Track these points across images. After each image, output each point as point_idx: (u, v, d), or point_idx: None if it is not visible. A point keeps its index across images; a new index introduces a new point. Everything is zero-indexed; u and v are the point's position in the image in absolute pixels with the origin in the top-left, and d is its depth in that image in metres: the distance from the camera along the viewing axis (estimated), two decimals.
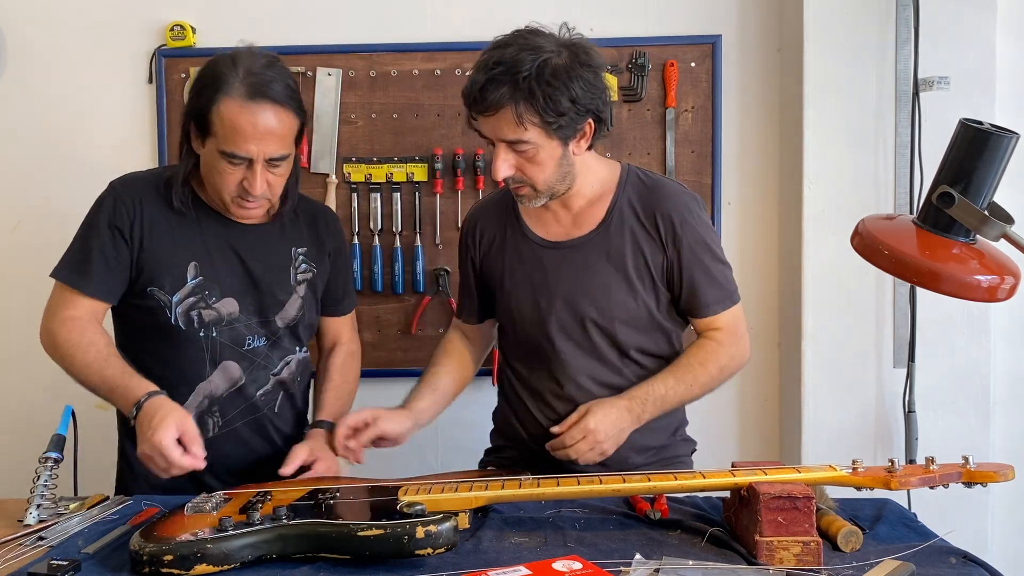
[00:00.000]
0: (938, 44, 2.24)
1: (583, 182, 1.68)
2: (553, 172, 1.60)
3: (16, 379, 2.62)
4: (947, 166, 1.22)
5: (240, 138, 1.56)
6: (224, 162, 1.59)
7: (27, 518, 1.43)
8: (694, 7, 2.49)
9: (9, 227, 2.61)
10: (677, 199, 1.68)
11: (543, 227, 1.73)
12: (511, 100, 1.51)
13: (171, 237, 1.69)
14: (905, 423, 2.28)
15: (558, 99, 1.51)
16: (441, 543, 1.22)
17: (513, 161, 1.58)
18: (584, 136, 1.61)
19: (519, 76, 1.50)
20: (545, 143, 1.56)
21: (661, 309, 1.69)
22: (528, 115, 1.52)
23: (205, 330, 1.69)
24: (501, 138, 1.56)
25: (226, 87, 1.56)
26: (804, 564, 1.22)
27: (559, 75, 1.51)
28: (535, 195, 1.63)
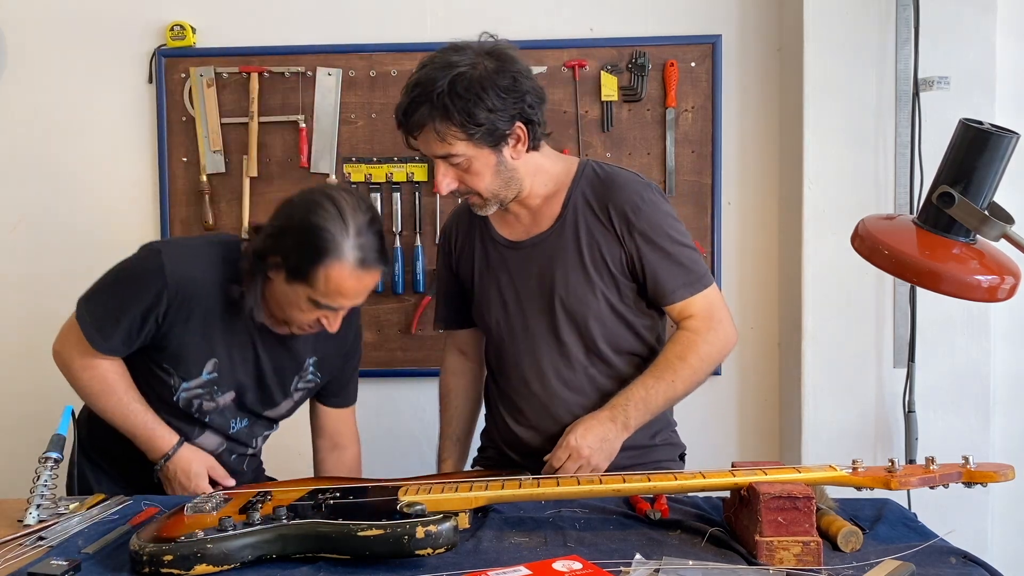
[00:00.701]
0: (938, 44, 2.24)
1: (536, 182, 1.68)
2: (492, 179, 1.62)
3: (16, 379, 2.62)
4: (947, 166, 1.21)
5: (341, 298, 1.58)
6: (311, 305, 1.59)
7: (27, 518, 1.43)
8: (694, 7, 2.49)
9: (9, 227, 2.61)
10: (628, 188, 1.67)
11: (507, 228, 1.74)
12: (429, 118, 1.55)
13: (201, 333, 1.66)
14: (905, 423, 2.28)
15: (472, 111, 1.53)
16: (441, 543, 1.22)
17: (452, 175, 1.61)
18: (519, 140, 1.61)
19: (433, 94, 1.53)
20: (475, 153, 1.58)
21: (625, 301, 1.68)
22: (448, 130, 1.55)
23: (199, 414, 1.71)
24: (433, 154, 1.59)
25: (337, 252, 1.53)
26: (804, 564, 1.22)
27: (472, 87, 1.53)
28: (484, 203, 1.65)
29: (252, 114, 2.51)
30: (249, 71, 2.50)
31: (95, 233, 2.59)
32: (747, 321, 2.53)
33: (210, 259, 1.66)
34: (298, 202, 1.59)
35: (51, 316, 2.59)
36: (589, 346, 1.68)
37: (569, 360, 1.68)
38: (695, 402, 1.74)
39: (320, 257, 1.53)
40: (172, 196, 2.55)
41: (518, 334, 1.71)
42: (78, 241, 2.59)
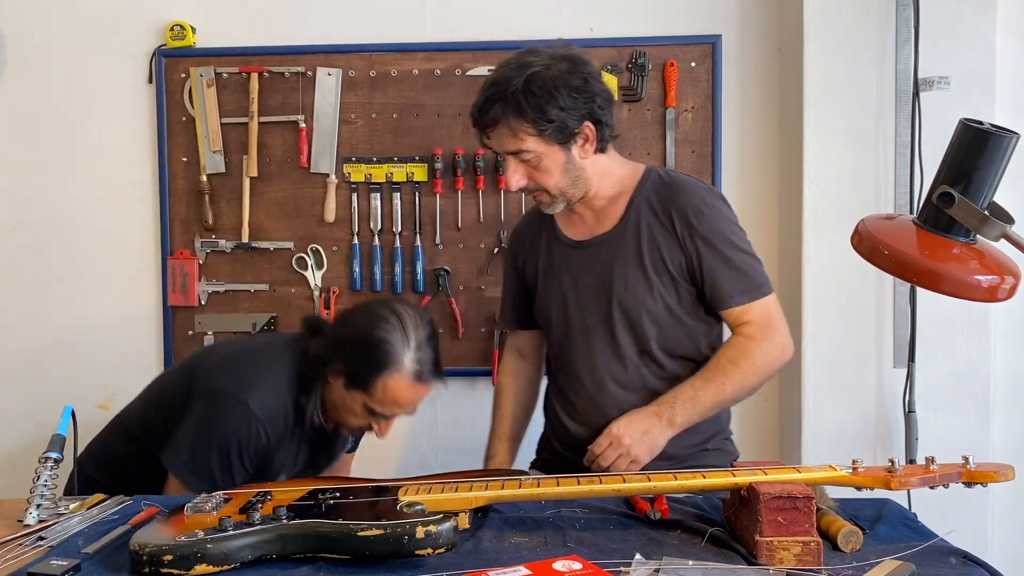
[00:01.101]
0: (938, 44, 2.24)
1: (603, 184, 1.72)
2: (561, 177, 1.66)
3: (16, 379, 2.62)
4: (947, 166, 1.21)
5: (396, 407, 1.68)
6: (365, 412, 1.68)
7: (27, 518, 1.43)
8: (694, 7, 2.49)
9: (9, 227, 2.61)
10: (692, 193, 1.71)
11: (572, 228, 1.79)
12: (503, 115, 1.61)
13: (280, 463, 1.73)
14: (905, 423, 2.28)
15: (545, 108, 1.59)
16: (441, 543, 1.22)
17: (523, 171, 1.66)
18: (587, 140, 1.66)
19: (508, 92, 1.60)
20: (545, 150, 1.63)
21: (683, 304, 1.71)
22: (521, 126, 1.61)
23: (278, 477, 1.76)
24: (505, 151, 1.65)
25: (397, 365, 1.63)
26: (804, 564, 1.22)
27: (545, 86, 1.59)
28: (552, 200, 1.70)
29: (252, 114, 2.51)
30: (249, 71, 2.50)
31: (95, 233, 2.59)
32: None
33: (284, 379, 1.69)
34: (363, 312, 1.71)
35: (51, 316, 2.61)
36: (642, 346, 1.70)
37: (622, 359, 1.71)
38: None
39: (381, 368, 1.62)
40: (172, 196, 2.55)
41: (575, 331, 1.75)
42: (78, 241, 2.59)
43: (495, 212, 2.51)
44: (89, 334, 2.58)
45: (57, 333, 2.61)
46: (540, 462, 1.89)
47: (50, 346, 2.61)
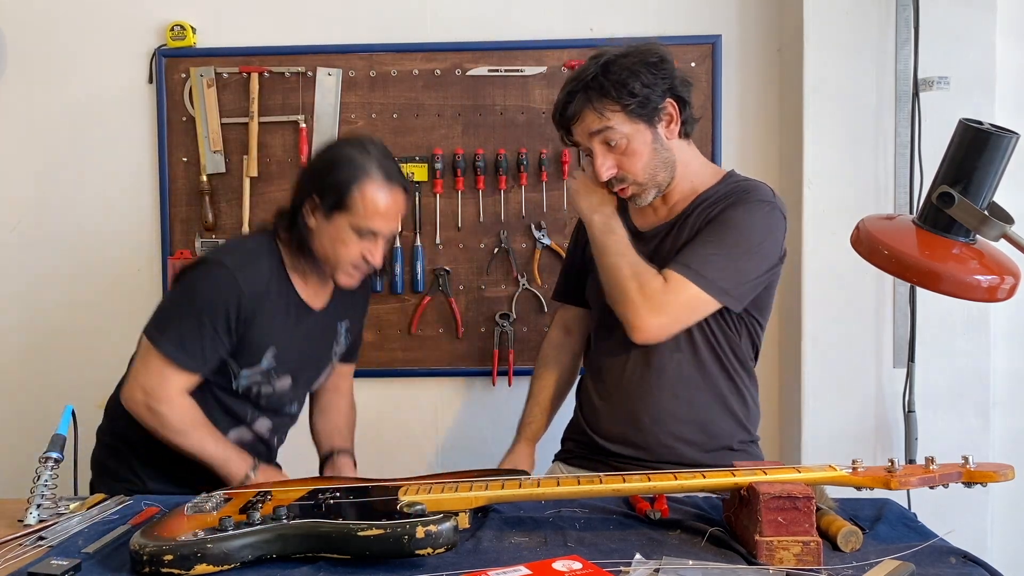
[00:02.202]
0: (938, 44, 2.24)
1: (684, 175, 1.70)
2: (650, 159, 1.65)
3: (16, 379, 2.62)
4: (947, 166, 1.21)
5: (380, 217, 1.70)
6: (354, 235, 1.71)
7: (27, 518, 1.43)
8: (694, 7, 2.49)
9: (9, 226, 2.61)
10: (751, 189, 1.66)
11: (640, 217, 1.77)
12: (586, 100, 1.62)
13: (264, 324, 1.74)
14: (905, 423, 2.28)
15: (627, 82, 1.60)
16: (441, 543, 1.22)
17: (612, 161, 1.65)
18: (672, 119, 1.66)
19: (587, 79, 1.62)
20: (632, 128, 1.63)
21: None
22: (606, 105, 1.61)
23: (256, 398, 1.78)
24: (591, 133, 1.64)
25: (365, 170, 1.70)
26: (804, 564, 1.22)
27: (624, 65, 1.62)
28: (641, 190, 1.68)
29: (252, 114, 2.51)
30: (249, 71, 2.50)
31: (95, 233, 2.59)
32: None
33: (264, 252, 1.76)
34: (319, 150, 1.78)
35: (51, 316, 2.61)
36: (681, 337, 1.67)
37: (658, 349, 1.67)
38: None
39: (351, 180, 1.69)
40: (172, 196, 2.55)
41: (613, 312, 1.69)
42: (78, 241, 2.59)
43: (495, 212, 2.51)
44: (89, 334, 2.59)
45: (57, 333, 2.61)
46: (564, 453, 1.87)
47: (50, 346, 2.61)
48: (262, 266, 1.75)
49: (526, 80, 2.49)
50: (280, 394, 1.81)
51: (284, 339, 1.76)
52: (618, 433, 1.73)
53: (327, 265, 1.76)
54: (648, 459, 1.68)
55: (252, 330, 1.72)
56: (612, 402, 1.74)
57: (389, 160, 1.74)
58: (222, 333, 1.69)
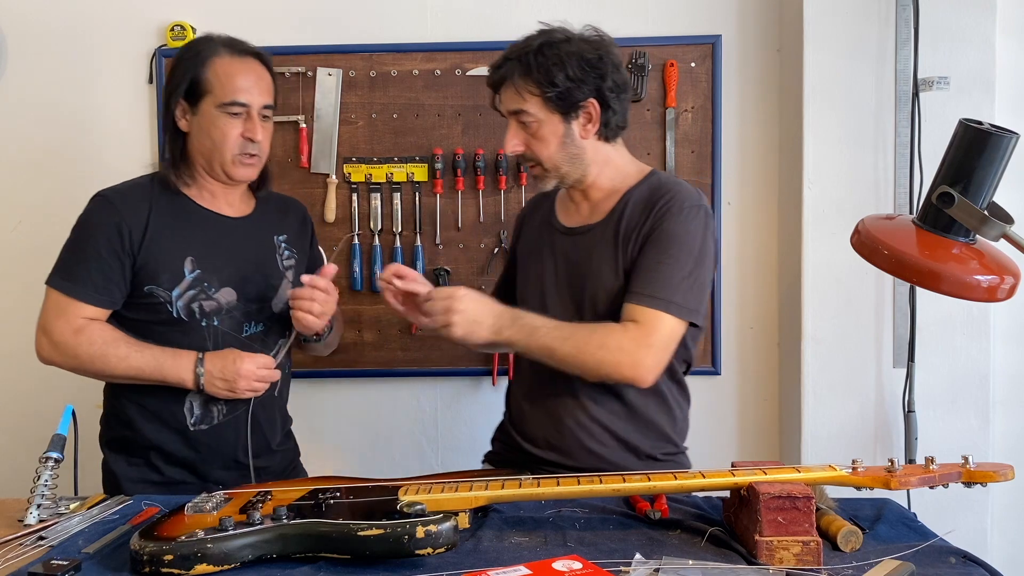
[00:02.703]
0: (938, 44, 2.24)
1: (601, 174, 1.71)
2: (557, 150, 1.66)
3: (16, 379, 2.62)
4: (947, 166, 1.22)
5: (239, 87, 1.73)
6: (225, 117, 1.73)
7: (27, 518, 1.44)
8: (694, 7, 2.49)
9: (9, 227, 2.61)
10: (676, 195, 1.64)
11: (566, 215, 1.78)
12: (511, 73, 1.64)
13: (166, 236, 1.74)
14: (905, 423, 2.28)
15: (552, 71, 1.61)
16: (441, 543, 1.22)
17: (521, 137, 1.67)
18: (591, 120, 1.66)
19: (523, 52, 1.63)
20: (546, 117, 1.64)
21: None
22: (526, 86, 1.63)
23: (206, 320, 1.75)
24: (508, 110, 1.67)
25: (213, 50, 1.75)
26: (804, 564, 1.22)
27: (558, 52, 1.62)
28: (544, 174, 1.69)
29: None
30: None
31: None
32: (747, 321, 2.53)
33: (145, 179, 1.82)
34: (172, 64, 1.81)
35: None
36: None
37: None
38: (695, 402, 1.74)
39: (201, 61, 1.74)
40: None
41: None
42: None
43: (495, 212, 2.51)
44: None
45: None
46: (492, 455, 1.87)
47: None
48: (142, 185, 1.80)
49: None
50: (228, 308, 1.76)
51: (199, 248, 1.75)
52: (542, 438, 1.72)
53: (215, 162, 1.76)
54: (571, 464, 1.66)
55: (152, 246, 1.72)
56: (536, 407, 1.74)
57: (236, 40, 1.78)
58: (109, 256, 1.71)
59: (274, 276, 1.84)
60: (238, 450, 1.77)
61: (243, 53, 1.76)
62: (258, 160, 1.78)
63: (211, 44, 1.76)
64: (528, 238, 1.86)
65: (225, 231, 1.80)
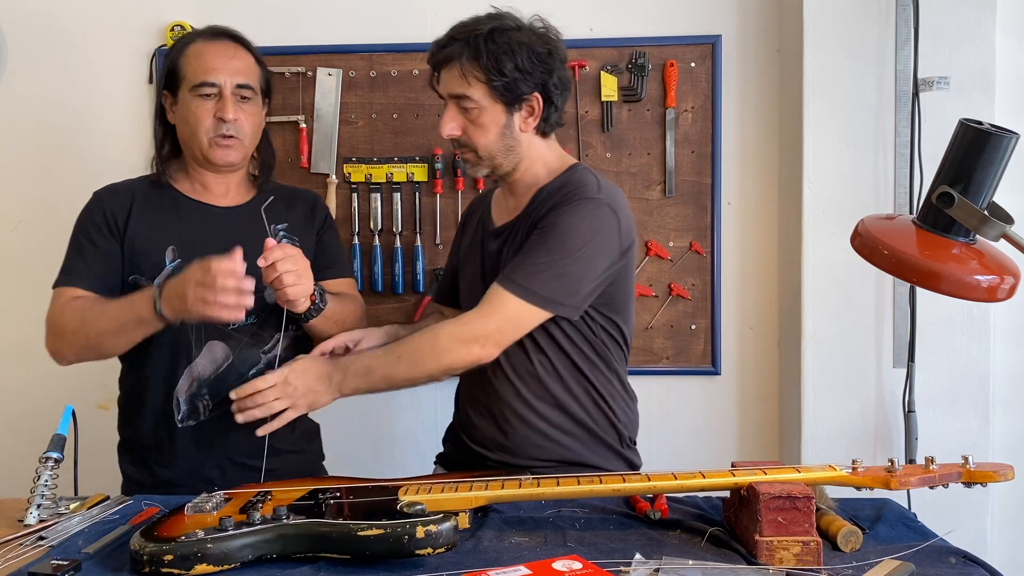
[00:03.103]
0: (938, 44, 2.24)
1: (529, 168, 1.70)
2: (495, 139, 1.64)
3: (16, 379, 2.62)
4: (947, 166, 1.22)
5: (208, 67, 1.73)
6: (198, 99, 1.73)
7: (27, 518, 1.44)
8: (694, 7, 2.49)
9: (9, 227, 2.61)
10: (573, 191, 1.61)
11: (499, 214, 1.77)
12: (459, 55, 1.60)
13: (150, 227, 1.76)
14: (905, 423, 2.28)
15: (502, 60, 1.59)
16: (441, 543, 1.22)
17: (460, 121, 1.64)
18: (532, 113, 1.65)
19: (471, 35, 1.60)
20: (489, 105, 1.62)
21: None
22: (473, 71, 1.60)
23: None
24: (450, 93, 1.64)
25: (191, 37, 1.79)
26: (804, 564, 1.22)
27: (509, 41, 1.60)
28: (477, 161, 1.67)
29: None
30: None
31: None
32: (747, 321, 2.53)
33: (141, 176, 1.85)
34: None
35: None
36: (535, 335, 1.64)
37: (515, 348, 1.65)
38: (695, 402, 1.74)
39: (179, 51, 1.77)
40: None
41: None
42: None
43: None
44: None
45: None
46: (443, 457, 1.87)
47: None
48: (131, 182, 1.84)
49: None
50: None
51: (181, 237, 1.74)
52: (489, 439, 1.71)
53: (195, 148, 1.76)
54: (521, 464, 1.65)
55: (135, 235, 1.74)
56: (480, 411, 1.73)
57: (217, 27, 1.80)
58: (98, 240, 1.74)
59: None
60: (231, 449, 1.75)
61: (216, 36, 1.77)
62: (237, 142, 1.76)
63: (190, 34, 1.80)
64: (466, 240, 1.84)
65: (212, 221, 1.79)
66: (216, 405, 1.75)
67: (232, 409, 1.61)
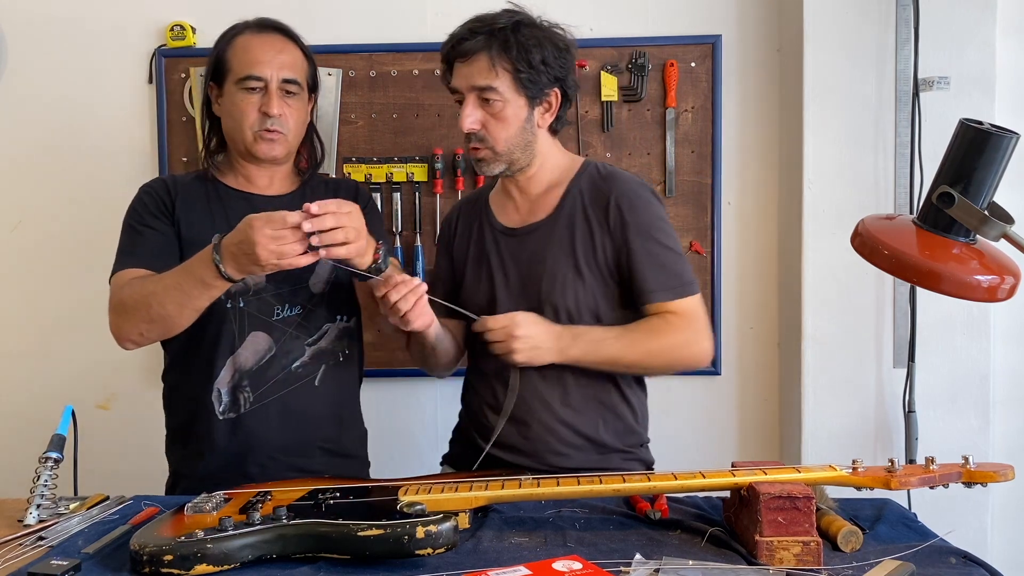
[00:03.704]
0: (938, 44, 2.24)
1: (542, 166, 1.71)
2: (516, 133, 1.64)
3: (16, 379, 2.62)
4: (947, 166, 1.21)
5: (254, 60, 1.70)
6: (242, 93, 1.71)
7: (27, 518, 1.43)
8: (694, 7, 2.49)
9: (9, 227, 2.61)
10: (627, 184, 1.69)
11: (505, 215, 1.76)
12: (486, 47, 1.60)
13: (196, 216, 1.74)
14: (905, 423, 2.28)
15: (531, 51, 1.60)
16: (441, 543, 1.22)
17: (480, 116, 1.63)
18: (550, 108, 1.66)
19: (495, 27, 1.60)
20: (513, 98, 1.62)
21: (609, 302, 1.67)
22: (501, 62, 1.60)
23: (232, 301, 1.70)
24: (473, 85, 1.62)
25: (238, 28, 1.76)
26: (804, 564, 1.22)
27: (535, 34, 1.61)
28: (494, 158, 1.66)
29: None
30: None
31: (95, 233, 2.58)
32: (747, 321, 2.53)
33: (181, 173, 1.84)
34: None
35: (51, 316, 2.61)
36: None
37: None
38: (695, 402, 1.75)
39: (225, 42, 1.75)
40: None
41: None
42: (78, 241, 2.59)
43: None
44: (89, 334, 2.58)
45: (57, 332, 2.61)
46: (451, 456, 1.86)
47: (50, 346, 2.61)
48: (172, 175, 1.87)
49: None
50: (256, 291, 1.71)
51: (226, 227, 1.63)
52: (509, 443, 1.70)
53: (239, 141, 1.74)
54: (537, 467, 1.65)
55: (182, 222, 1.73)
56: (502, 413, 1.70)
57: (265, 19, 1.77)
58: (152, 223, 1.73)
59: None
60: (271, 445, 1.71)
61: (265, 29, 1.75)
62: (281, 137, 1.73)
63: (238, 25, 1.77)
64: (466, 240, 1.80)
65: (257, 209, 1.67)
66: (257, 398, 1.72)
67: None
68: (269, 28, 1.75)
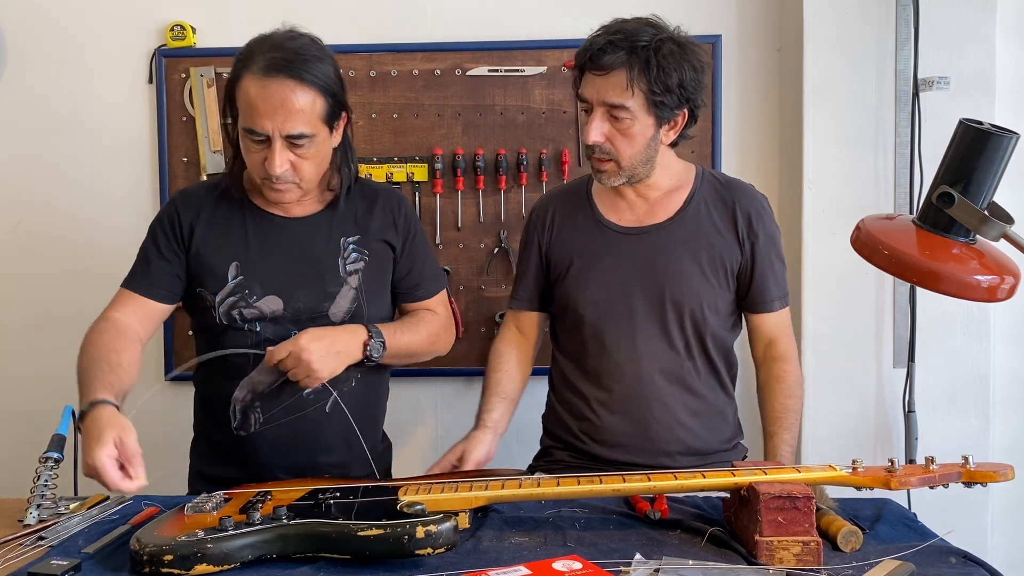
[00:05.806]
0: (938, 44, 2.24)
1: (660, 174, 1.73)
2: (641, 150, 1.65)
3: (16, 379, 2.62)
4: (947, 166, 1.21)
5: (256, 114, 1.56)
6: (249, 140, 1.60)
7: (27, 518, 1.43)
8: (694, 7, 2.49)
9: (9, 227, 2.61)
10: (752, 193, 1.77)
11: (616, 214, 1.77)
12: (626, 64, 1.57)
13: (218, 240, 1.71)
14: (905, 423, 2.28)
15: (669, 74, 1.58)
16: (441, 543, 1.22)
17: (607, 129, 1.63)
18: (675, 127, 1.67)
19: (638, 44, 1.57)
20: (642, 117, 1.61)
21: (726, 305, 1.75)
22: (639, 82, 1.58)
23: (249, 326, 1.69)
24: (604, 100, 1.61)
25: (249, 63, 1.59)
26: (804, 564, 1.22)
27: (674, 54, 1.59)
28: (617, 172, 1.67)
29: None
30: None
31: (95, 233, 2.59)
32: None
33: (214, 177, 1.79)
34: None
35: (51, 316, 2.61)
36: (691, 339, 1.72)
37: (671, 351, 1.72)
38: None
39: (235, 78, 1.60)
40: None
41: (618, 318, 1.71)
42: (78, 241, 2.59)
43: (495, 212, 2.51)
44: None
45: (57, 332, 2.61)
46: (549, 464, 1.83)
47: (50, 346, 2.61)
48: (203, 186, 1.79)
49: (526, 80, 2.49)
50: (272, 317, 1.68)
51: (246, 252, 1.68)
52: (623, 443, 1.72)
53: (254, 181, 1.67)
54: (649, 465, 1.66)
55: (201, 247, 1.69)
56: (622, 412, 1.73)
57: (289, 43, 1.61)
58: (165, 249, 1.71)
59: (332, 283, 1.70)
60: (279, 465, 1.70)
61: (272, 72, 1.56)
62: (290, 186, 1.63)
63: (248, 58, 1.60)
64: (569, 237, 1.78)
65: (280, 234, 1.70)
66: (267, 420, 1.71)
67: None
68: (277, 71, 1.56)
